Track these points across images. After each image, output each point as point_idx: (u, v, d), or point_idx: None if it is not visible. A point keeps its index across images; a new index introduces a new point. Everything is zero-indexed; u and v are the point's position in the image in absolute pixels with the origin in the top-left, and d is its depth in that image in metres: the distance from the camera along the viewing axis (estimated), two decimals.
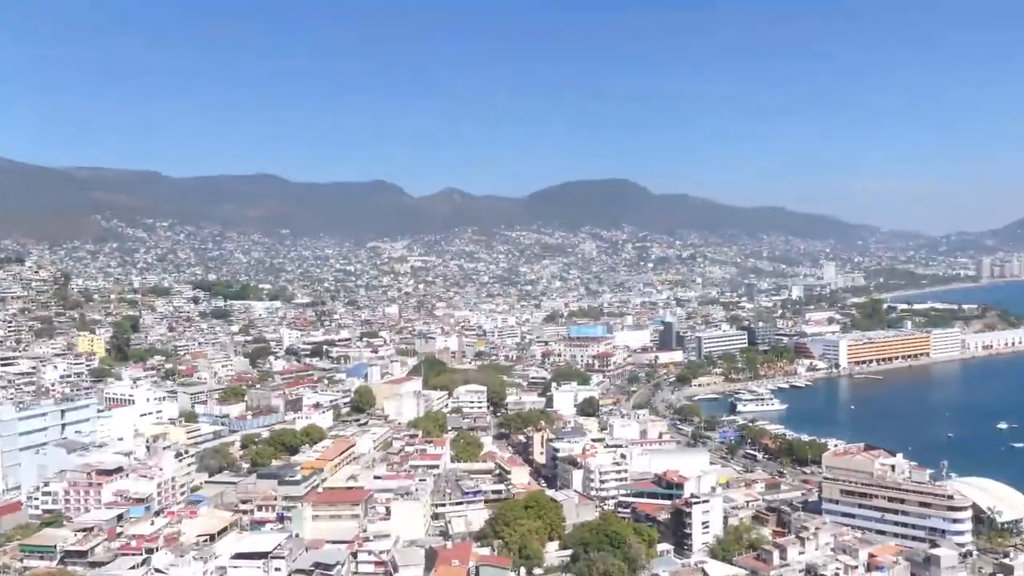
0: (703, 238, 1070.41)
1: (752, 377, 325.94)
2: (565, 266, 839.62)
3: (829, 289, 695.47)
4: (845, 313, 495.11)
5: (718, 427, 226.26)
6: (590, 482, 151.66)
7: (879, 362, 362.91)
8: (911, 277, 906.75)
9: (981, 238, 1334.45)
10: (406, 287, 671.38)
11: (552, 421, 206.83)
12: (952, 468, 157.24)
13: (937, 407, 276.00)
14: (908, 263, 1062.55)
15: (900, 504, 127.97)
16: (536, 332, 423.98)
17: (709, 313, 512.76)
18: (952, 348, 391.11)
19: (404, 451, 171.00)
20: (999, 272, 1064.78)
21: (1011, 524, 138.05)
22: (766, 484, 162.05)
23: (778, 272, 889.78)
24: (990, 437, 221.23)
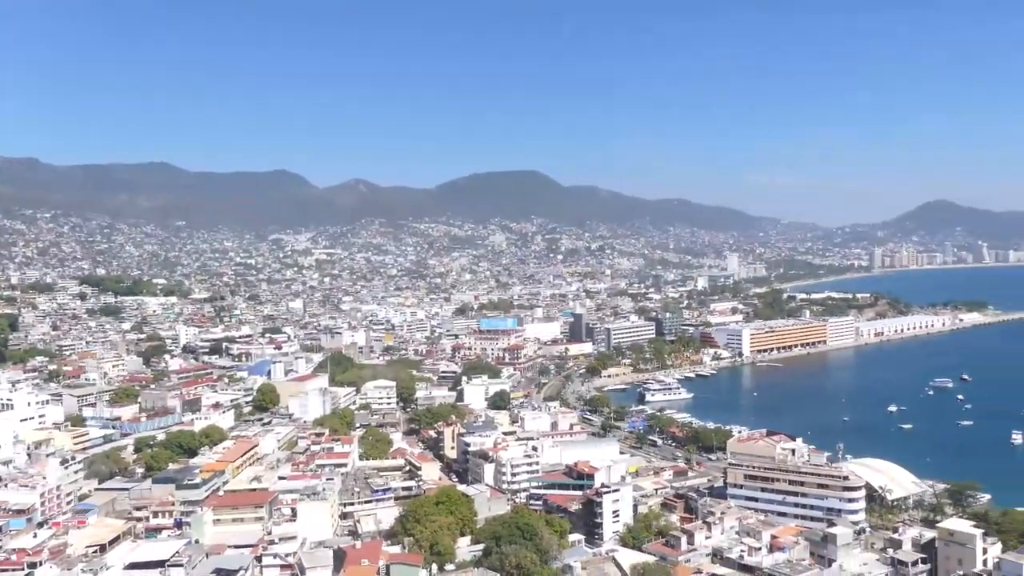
0: (612, 230, 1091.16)
1: (660, 367, 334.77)
2: (475, 258, 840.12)
3: (733, 280, 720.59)
4: (748, 303, 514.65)
5: (627, 417, 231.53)
6: (502, 475, 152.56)
7: (780, 350, 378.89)
8: (809, 268, 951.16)
9: (873, 230, 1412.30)
10: (310, 281, 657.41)
11: (463, 415, 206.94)
12: (847, 450, 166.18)
13: (834, 392, 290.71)
14: (806, 254, 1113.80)
15: (800, 487, 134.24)
16: (446, 326, 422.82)
17: (618, 304, 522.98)
18: (847, 336, 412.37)
19: (310, 450, 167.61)
20: (889, 262, 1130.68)
21: (900, 501, 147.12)
22: (674, 472, 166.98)
23: (684, 263, 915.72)
24: (882, 420, 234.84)
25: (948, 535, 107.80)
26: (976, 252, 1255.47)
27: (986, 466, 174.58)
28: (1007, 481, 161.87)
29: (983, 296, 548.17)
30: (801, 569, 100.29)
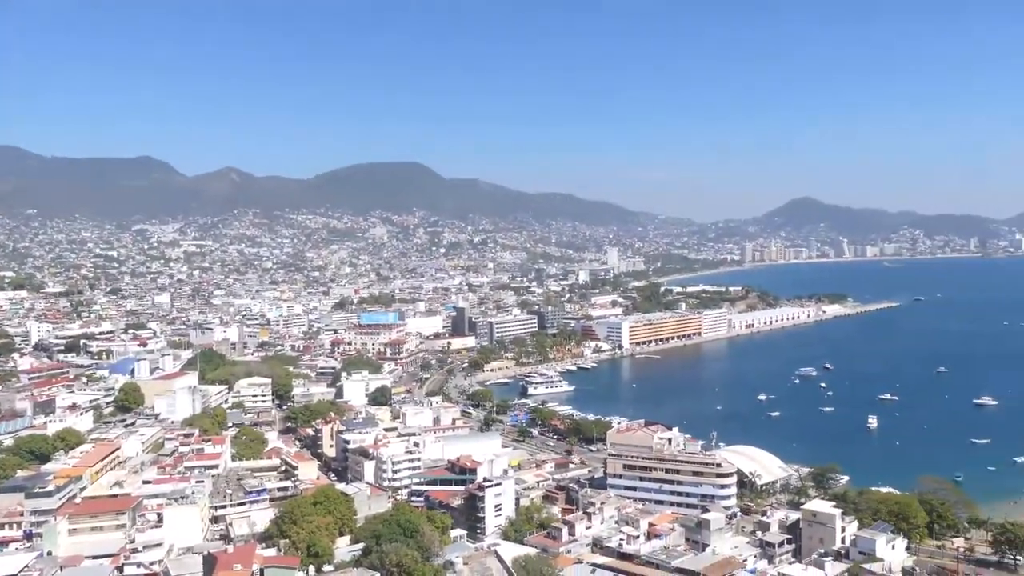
0: (494, 223, 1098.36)
1: (542, 360, 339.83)
2: (355, 251, 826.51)
3: (613, 273, 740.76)
4: (627, 296, 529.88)
5: (510, 410, 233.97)
6: (383, 473, 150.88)
7: (657, 342, 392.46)
8: (685, 262, 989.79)
9: (744, 226, 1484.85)
10: (179, 274, 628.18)
11: (342, 412, 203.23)
12: (720, 438, 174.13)
13: (708, 383, 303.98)
14: (683, 249, 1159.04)
15: (676, 475, 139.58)
16: (325, 320, 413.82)
17: (501, 298, 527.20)
18: (720, 328, 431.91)
19: (178, 452, 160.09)
20: (759, 257, 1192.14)
21: (768, 485, 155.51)
22: (556, 464, 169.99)
23: (566, 257, 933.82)
24: (752, 408, 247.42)
25: (811, 516, 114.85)
26: (837, 247, 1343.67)
27: (846, 449, 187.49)
28: (864, 463, 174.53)
29: (843, 289, 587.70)
30: (676, 555, 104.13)
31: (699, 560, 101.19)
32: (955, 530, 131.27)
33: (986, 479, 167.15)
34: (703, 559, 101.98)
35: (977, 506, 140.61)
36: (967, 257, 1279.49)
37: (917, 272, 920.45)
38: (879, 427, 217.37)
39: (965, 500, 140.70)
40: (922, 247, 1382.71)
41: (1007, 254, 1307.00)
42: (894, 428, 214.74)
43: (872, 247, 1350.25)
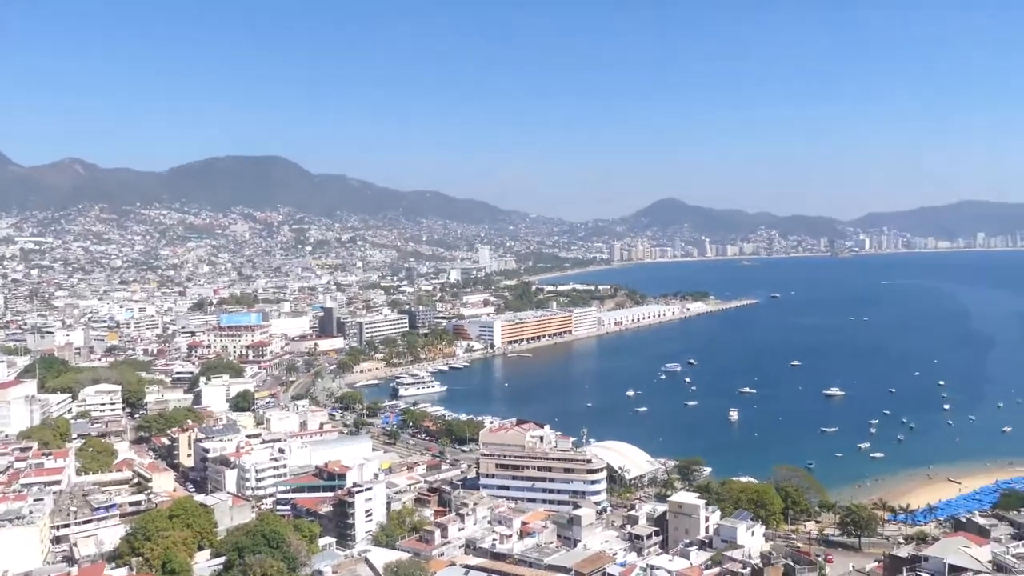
0: (363, 221, 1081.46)
1: (414, 361, 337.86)
2: (214, 249, 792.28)
3: (484, 272, 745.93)
4: (499, 295, 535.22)
5: (380, 413, 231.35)
6: (245, 482, 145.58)
7: (529, 341, 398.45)
8: (556, 260, 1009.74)
9: (613, 225, 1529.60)
10: (14, 273, 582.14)
11: (201, 419, 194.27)
12: (591, 434, 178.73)
13: (579, 380, 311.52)
14: (553, 247, 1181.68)
15: (548, 472, 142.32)
16: (181, 322, 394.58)
17: (370, 298, 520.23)
18: (590, 326, 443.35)
19: (13, 468, 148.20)
20: (628, 256, 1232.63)
21: (637, 479, 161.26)
22: (428, 466, 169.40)
23: (437, 256, 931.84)
24: (621, 404, 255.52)
25: (677, 507, 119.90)
26: (700, 247, 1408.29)
27: (709, 442, 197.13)
28: (726, 454, 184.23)
29: (706, 287, 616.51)
30: (549, 552, 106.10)
31: (571, 556, 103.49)
32: (807, 514, 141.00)
33: (834, 465, 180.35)
34: (575, 555, 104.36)
35: (827, 491, 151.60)
36: (818, 256, 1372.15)
37: (773, 271, 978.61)
38: (739, 419, 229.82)
39: (816, 486, 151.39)
40: (777, 247, 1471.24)
41: (852, 253, 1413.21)
42: (753, 420, 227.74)
43: (732, 246, 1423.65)
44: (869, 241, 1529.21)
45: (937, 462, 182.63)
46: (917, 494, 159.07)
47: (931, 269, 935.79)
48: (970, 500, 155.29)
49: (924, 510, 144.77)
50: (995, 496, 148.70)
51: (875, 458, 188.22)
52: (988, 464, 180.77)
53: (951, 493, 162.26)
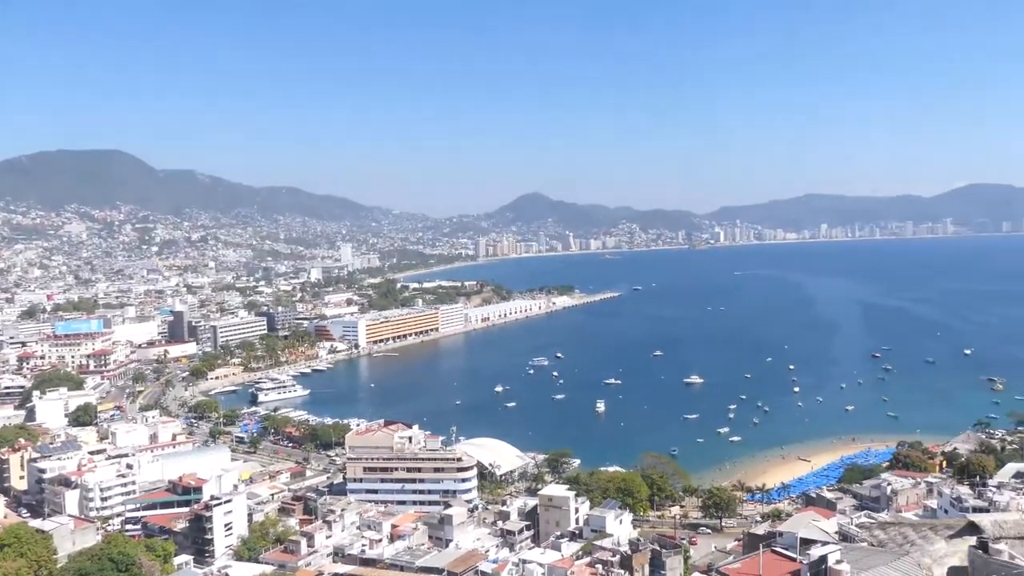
0: (215, 219, 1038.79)
1: (273, 364, 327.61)
2: (46, 251, 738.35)
3: (347, 271, 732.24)
4: (363, 294, 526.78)
5: (239, 420, 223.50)
6: (89, 502, 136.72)
7: (395, 340, 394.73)
8: (421, 257, 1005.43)
9: (478, 220, 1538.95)
10: None
11: (35, 437, 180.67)
12: (460, 432, 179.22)
13: (447, 377, 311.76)
14: (418, 244, 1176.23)
15: (418, 473, 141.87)
16: (9, 332, 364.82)
17: (225, 300, 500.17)
18: (457, 322, 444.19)
19: None
20: (493, 251, 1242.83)
21: (507, 475, 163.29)
22: (292, 473, 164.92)
23: (296, 254, 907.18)
24: (490, 400, 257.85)
25: (547, 501, 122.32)
26: (564, 241, 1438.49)
27: (577, 434, 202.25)
28: (594, 445, 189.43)
29: (571, 281, 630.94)
30: (420, 553, 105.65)
31: (442, 557, 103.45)
32: (673, 499, 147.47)
33: (696, 450, 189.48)
34: (446, 555, 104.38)
35: (690, 475, 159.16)
36: (676, 249, 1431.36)
37: (634, 263, 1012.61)
38: (606, 410, 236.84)
39: (680, 471, 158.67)
40: (638, 240, 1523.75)
41: (708, 245, 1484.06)
42: (619, 410, 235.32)
43: (595, 240, 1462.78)
44: (723, 234, 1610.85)
45: (789, 442, 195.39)
46: (772, 474, 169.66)
47: (780, 260, 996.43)
48: (819, 476, 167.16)
49: (778, 488, 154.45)
50: (840, 471, 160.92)
51: (733, 442, 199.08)
52: (834, 442, 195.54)
53: (802, 471, 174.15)
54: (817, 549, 38.30)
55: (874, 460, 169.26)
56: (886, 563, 32.62)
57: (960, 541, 35.25)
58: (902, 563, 32.46)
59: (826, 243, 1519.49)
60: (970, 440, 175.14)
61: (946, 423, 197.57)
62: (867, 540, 42.62)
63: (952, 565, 33.73)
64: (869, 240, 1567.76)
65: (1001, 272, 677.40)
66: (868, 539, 42.67)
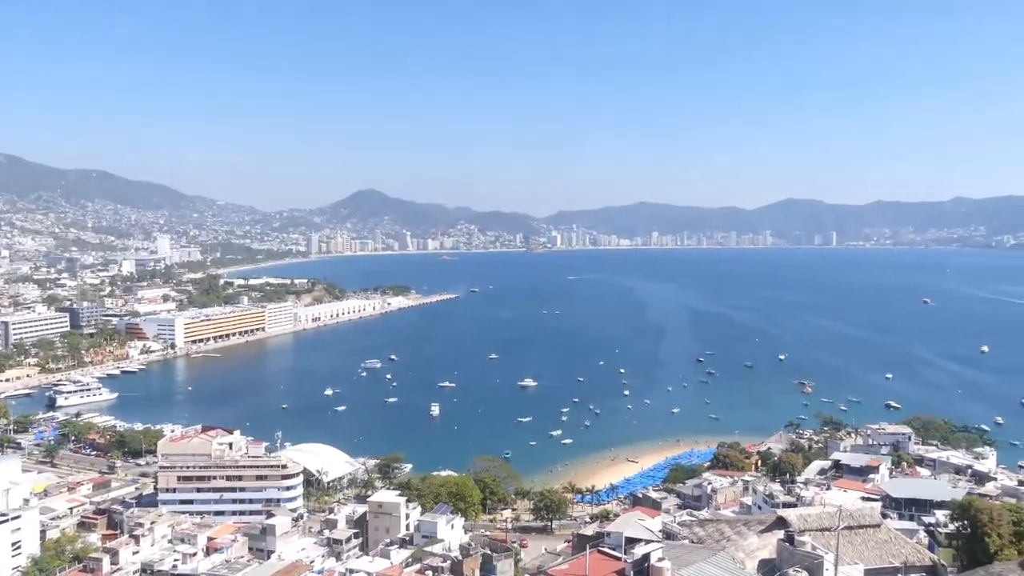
0: (10, 202, 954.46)
1: (76, 365, 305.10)
2: None
3: (164, 264, 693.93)
4: (181, 290, 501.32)
5: (33, 427, 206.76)
6: None
7: (217, 339, 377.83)
8: (248, 252, 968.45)
9: (311, 215, 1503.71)
10: None
11: None
12: (286, 437, 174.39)
13: (273, 380, 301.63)
14: (245, 238, 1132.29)
15: (238, 481, 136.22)
16: None
17: (20, 293, 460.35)
18: (286, 322, 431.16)
19: None
20: (326, 248, 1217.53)
21: (336, 482, 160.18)
22: (94, 484, 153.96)
23: (106, 245, 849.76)
24: (319, 403, 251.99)
25: (377, 507, 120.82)
26: (401, 240, 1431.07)
27: (410, 438, 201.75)
28: (427, 449, 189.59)
29: (407, 281, 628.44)
30: (239, 567, 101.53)
31: (263, 569, 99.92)
32: (505, 503, 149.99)
33: (529, 453, 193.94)
34: (268, 567, 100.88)
35: (522, 478, 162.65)
36: (514, 251, 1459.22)
37: (472, 265, 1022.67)
38: (440, 413, 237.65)
39: (513, 474, 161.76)
40: (476, 241, 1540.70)
41: (545, 249, 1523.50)
42: (453, 413, 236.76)
43: (433, 240, 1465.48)
44: (560, 238, 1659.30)
45: (619, 444, 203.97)
46: (601, 475, 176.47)
47: (613, 265, 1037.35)
48: (645, 477, 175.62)
49: (607, 489, 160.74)
50: (666, 471, 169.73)
51: (565, 444, 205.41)
52: (660, 443, 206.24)
53: (631, 472, 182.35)
54: (641, 548, 40.01)
55: (697, 460, 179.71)
56: (704, 559, 34.66)
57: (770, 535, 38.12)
58: (718, 558, 34.61)
59: (657, 250, 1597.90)
60: (782, 440, 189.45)
61: (762, 424, 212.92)
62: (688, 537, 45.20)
63: (763, 558, 36.41)
64: (696, 248, 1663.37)
65: (810, 283, 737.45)
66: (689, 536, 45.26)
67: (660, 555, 36.62)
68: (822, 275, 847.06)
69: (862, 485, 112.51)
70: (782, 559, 34.54)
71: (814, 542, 35.10)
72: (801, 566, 32.77)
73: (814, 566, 32.74)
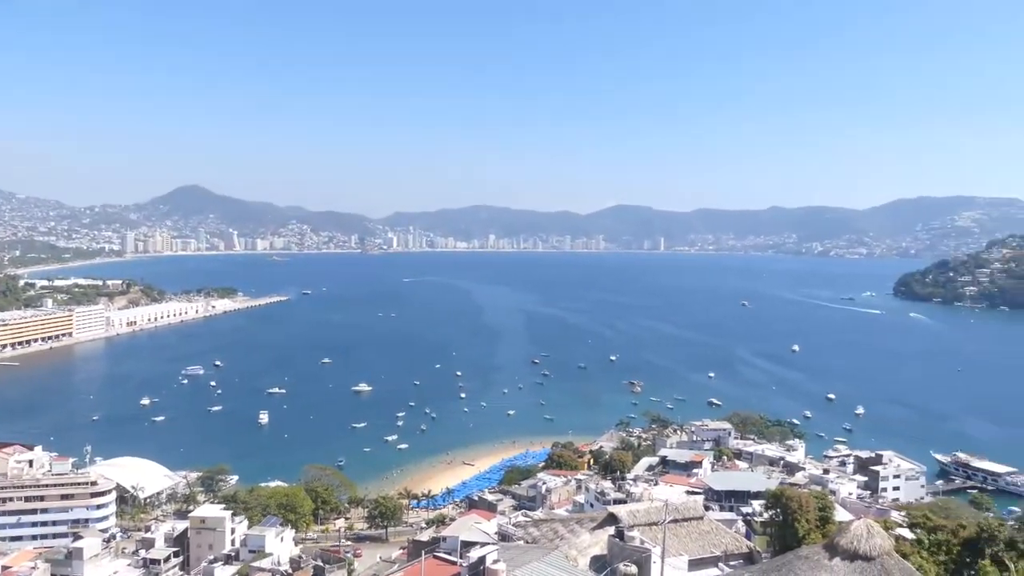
0: None
1: None
2: None
3: None
4: None
5: None
6: None
7: (16, 346, 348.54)
8: (53, 250, 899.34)
9: (126, 212, 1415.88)
10: None
11: None
12: (97, 452, 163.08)
13: (82, 390, 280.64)
14: (49, 235, 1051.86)
15: (40, 502, 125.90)
16: None
17: None
18: (97, 326, 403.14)
19: None
20: (143, 247, 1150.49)
21: (153, 497, 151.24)
22: None
23: None
24: (135, 414, 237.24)
25: (199, 523, 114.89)
26: (228, 239, 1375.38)
27: (236, 448, 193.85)
28: (255, 459, 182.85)
29: (234, 283, 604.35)
30: None
31: None
32: (338, 512, 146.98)
33: (364, 460, 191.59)
34: None
35: (356, 486, 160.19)
36: (349, 253, 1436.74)
37: (305, 266, 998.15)
38: (270, 421, 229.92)
39: (346, 482, 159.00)
40: (309, 242, 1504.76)
41: (382, 251, 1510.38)
42: (284, 421, 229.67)
43: (263, 240, 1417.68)
44: (397, 239, 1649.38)
45: (455, 447, 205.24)
46: (438, 479, 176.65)
47: (450, 267, 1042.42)
48: (482, 480, 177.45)
49: (444, 493, 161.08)
50: (502, 473, 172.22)
51: (401, 449, 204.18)
52: (496, 445, 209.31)
53: (467, 475, 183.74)
54: (476, 551, 40.21)
55: (532, 461, 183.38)
56: (538, 558, 35.26)
57: (601, 531, 39.35)
58: (552, 557, 35.32)
59: (494, 253, 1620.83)
60: (613, 438, 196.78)
61: (594, 423, 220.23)
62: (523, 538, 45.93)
63: (595, 554, 37.52)
64: (533, 251, 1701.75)
65: (640, 287, 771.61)
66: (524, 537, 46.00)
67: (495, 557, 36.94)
68: (650, 278, 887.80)
69: (687, 479, 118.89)
70: (613, 554, 35.71)
71: (643, 536, 36.54)
72: (631, 560, 33.99)
73: (642, 560, 34.04)
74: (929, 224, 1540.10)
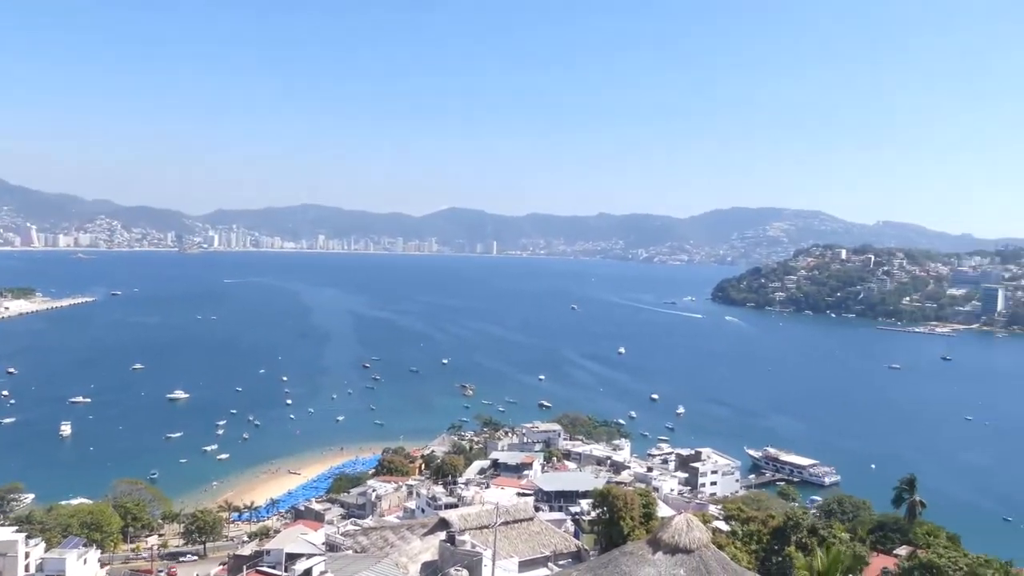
0: None
1: None
2: None
3: None
4: None
5: None
6: None
7: None
8: None
9: None
10: None
11: None
12: None
13: None
14: None
15: None
16: None
17: None
18: None
19: None
20: None
21: None
22: None
23: None
24: None
25: None
26: (25, 234, 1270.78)
27: (32, 463, 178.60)
28: (55, 475, 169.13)
29: (31, 282, 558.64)
30: None
31: None
32: (150, 529, 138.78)
33: (180, 472, 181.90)
34: None
35: (171, 500, 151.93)
36: (164, 251, 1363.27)
37: (114, 265, 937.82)
38: (72, 433, 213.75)
39: (160, 497, 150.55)
40: (120, 239, 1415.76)
41: (201, 249, 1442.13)
42: (89, 432, 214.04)
43: (66, 236, 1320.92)
44: (219, 238, 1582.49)
45: (280, 456, 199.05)
46: (261, 490, 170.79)
47: (277, 268, 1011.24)
48: (308, 489, 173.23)
49: (267, 505, 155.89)
50: (329, 481, 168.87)
51: (221, 459, 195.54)
52: (324, 452, 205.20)
53: (293, 484, 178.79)
54: (302, 563, 39.23)
55: (362, 468, 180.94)
56: (368, 567, 34.85)
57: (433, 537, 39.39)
58: (382, 566, 35.00)
59: (324, 254, 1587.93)
60: (445, 442, 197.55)
61: (426, 427, 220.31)
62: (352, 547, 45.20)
63: (425, 560, 37.49)
64: (364, 253, 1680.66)
65: (472, 289, 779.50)
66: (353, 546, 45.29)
67: (322, 569, 36.22)
68: (482, 282, 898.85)
69: (517, 481, 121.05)
70: (444, 559, 35.81)
71: (474, 540, 36.89)
72: (462, 565, 34.25)
73: (473, 563, 34.39)
74: (743, 233, 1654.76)
